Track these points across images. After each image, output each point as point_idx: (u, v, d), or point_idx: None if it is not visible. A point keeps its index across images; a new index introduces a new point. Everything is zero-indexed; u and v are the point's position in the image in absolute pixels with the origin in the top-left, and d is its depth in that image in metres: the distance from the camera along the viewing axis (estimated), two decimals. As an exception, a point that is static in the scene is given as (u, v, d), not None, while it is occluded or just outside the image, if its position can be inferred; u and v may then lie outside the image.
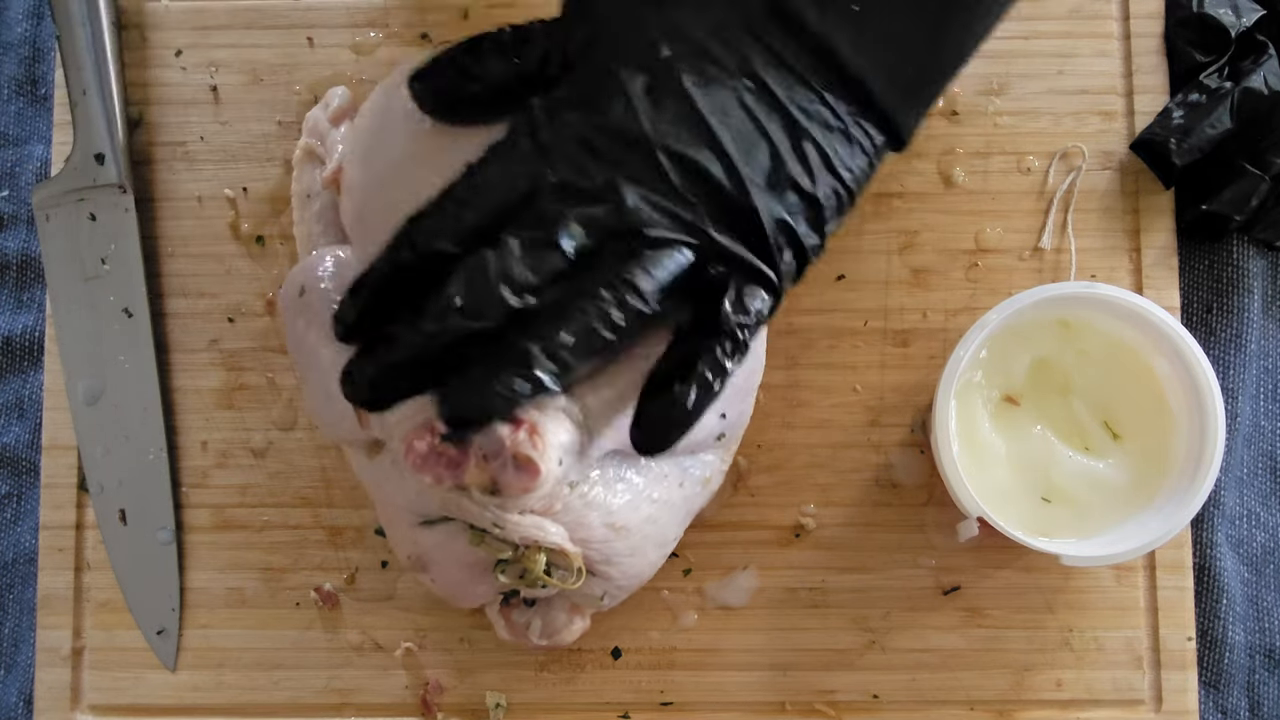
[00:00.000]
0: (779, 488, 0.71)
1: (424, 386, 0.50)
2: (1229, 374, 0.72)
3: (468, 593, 0.62)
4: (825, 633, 0.70)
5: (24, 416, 0.74)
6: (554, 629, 0.64)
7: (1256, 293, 0.73)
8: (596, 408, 0.56)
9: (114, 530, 0.70)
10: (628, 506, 0.59)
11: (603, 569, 0.60)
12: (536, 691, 0.70)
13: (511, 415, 0.53)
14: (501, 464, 0.53)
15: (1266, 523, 0.72)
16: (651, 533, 0.61)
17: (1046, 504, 0.65)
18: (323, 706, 0.70)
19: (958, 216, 0.72)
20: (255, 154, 0.73)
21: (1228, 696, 0.71)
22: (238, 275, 0.73)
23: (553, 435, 0.54)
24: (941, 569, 0.70)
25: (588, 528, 0.58)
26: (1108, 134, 0.72)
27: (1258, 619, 0.71)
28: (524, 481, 0.53)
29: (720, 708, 0.69)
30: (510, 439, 0.53)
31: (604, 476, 0.58)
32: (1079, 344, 0.65)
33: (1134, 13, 0.73)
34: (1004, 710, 0.69)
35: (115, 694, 0.70)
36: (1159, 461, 0.64)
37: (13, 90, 0.77)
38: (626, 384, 0.56)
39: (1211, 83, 0.70)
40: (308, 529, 0.71)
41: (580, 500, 0.57)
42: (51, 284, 0.72)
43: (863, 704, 0.69)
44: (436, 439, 0.54)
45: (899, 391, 0.71)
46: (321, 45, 0.74)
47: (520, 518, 0.56)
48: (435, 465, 0.54)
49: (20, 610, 0.73)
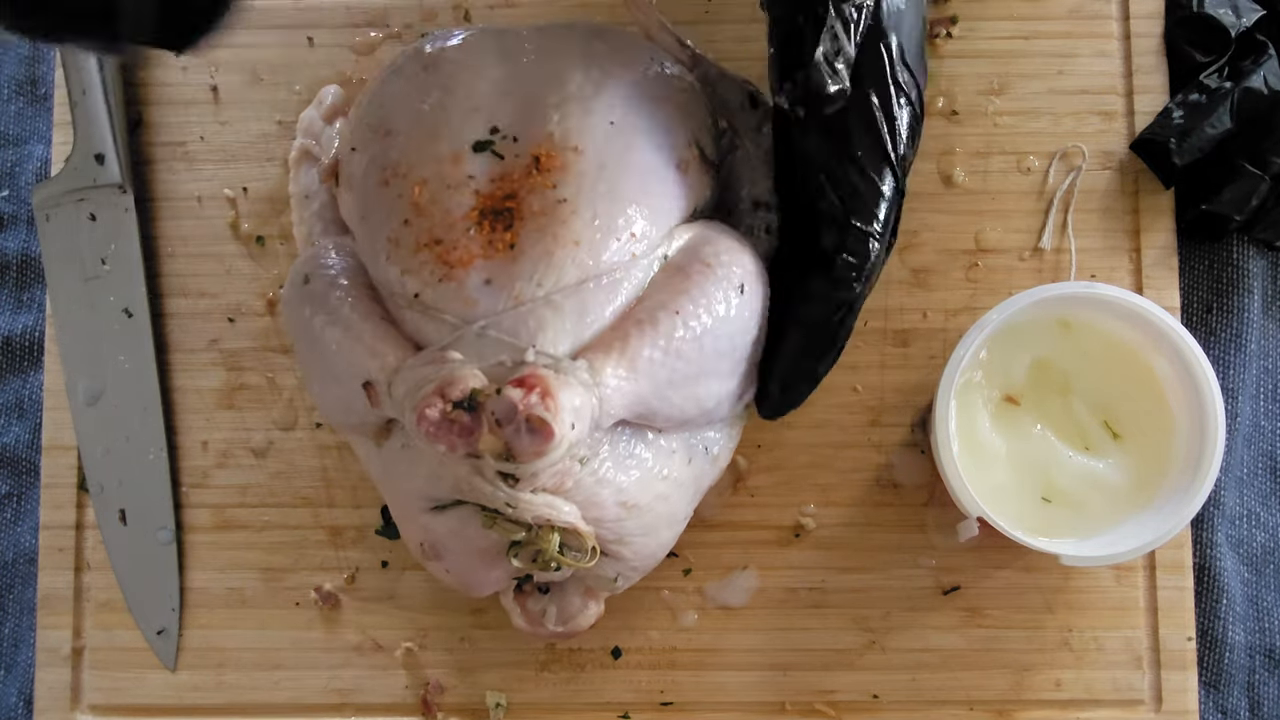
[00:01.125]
0: (779, 488, 0.71)
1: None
2: (1229, 374, 0.72)
3: (481, 579, 0.62)
4: (825, 633, 0.70)
5: (24, 416, 0.74)
6: (569, 614, 0.64)
7: (1256, 293, 0.73)
8: (606, 370, 0.56)
9: (114, 530, 0.70)
10: (639, 484, 0.59)
11: (615, 549, 0.60)
12: (536, 691, 0.70)
13: (522, 379, 0.53)
14: (515, 428, 0.53)
15: (1266, 523, 0.72)
16: (663, 511, 0.61)
17: (1046, 504, 0.64)
18: (323, 706, 0.70)
19: (958, 216, 0.72)
20: (255, 154, 0.73)
21: (1228, 696, 0.71)
22: (238, 275, 0.73)
23: (565, 397, 0.53)
24: (941, 569, 0.70)
25: (600, 506, 0.58)
26: (1108, 134, 0.72)
27: (1258, 619, 0.71)
28: (538, 445, 0.53)
29: (720, 708, 0.69)
30: (523, 402, 0.52)
31: (615, 453, 0.58)
32: (1079, 344, 0.65)
33: (1134, 13, 0.73)
34: (1004, 710, 0.69)
35: (115, 694, 0.70)
36: (1159, 461, 0.64)
37: (13, 90, 0.77)
38: (634, 347, 0.56)
39: (1211, 83, 0.70)
40: (308, 529, 0.71)
41: (592, 477, 0.57)
42: (51, 284, 0.72)
43: (863, 704, 0.69)
44: (449, 406, 0.53)
45: (899, 391, 0.71)
46: (321, 45, 0.74)
47: (533, 496, 0.56)
48: (448, 432, 0.54)
49: (20, 610, 0.73)
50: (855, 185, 0.60)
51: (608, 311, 0.58)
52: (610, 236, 0.58)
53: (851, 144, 0.59)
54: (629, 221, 0.58)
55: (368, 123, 0.63)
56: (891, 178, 0.60)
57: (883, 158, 0.60)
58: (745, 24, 0.73)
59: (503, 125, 0.59)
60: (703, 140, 0.63)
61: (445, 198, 0.58)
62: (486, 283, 0.56)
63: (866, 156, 0.60)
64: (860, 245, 0.60)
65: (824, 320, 0.61)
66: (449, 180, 0.58)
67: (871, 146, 0.59)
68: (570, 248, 0.57)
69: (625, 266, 0.58)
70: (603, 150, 0.59)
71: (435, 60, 0.62)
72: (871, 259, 0.60)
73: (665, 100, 0.62)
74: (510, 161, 0.58)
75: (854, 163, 0.60)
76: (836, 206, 0.60)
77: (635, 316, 0.57)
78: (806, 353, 0.62)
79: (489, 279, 0.56)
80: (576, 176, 0.58)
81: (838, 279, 0.60)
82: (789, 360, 0.62)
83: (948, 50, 0.73)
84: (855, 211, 0.60)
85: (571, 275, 0.57)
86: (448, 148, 0.59)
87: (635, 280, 0.58)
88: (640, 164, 0.59)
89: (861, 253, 0.60)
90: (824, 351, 0.62)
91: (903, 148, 0.60)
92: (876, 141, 0.59)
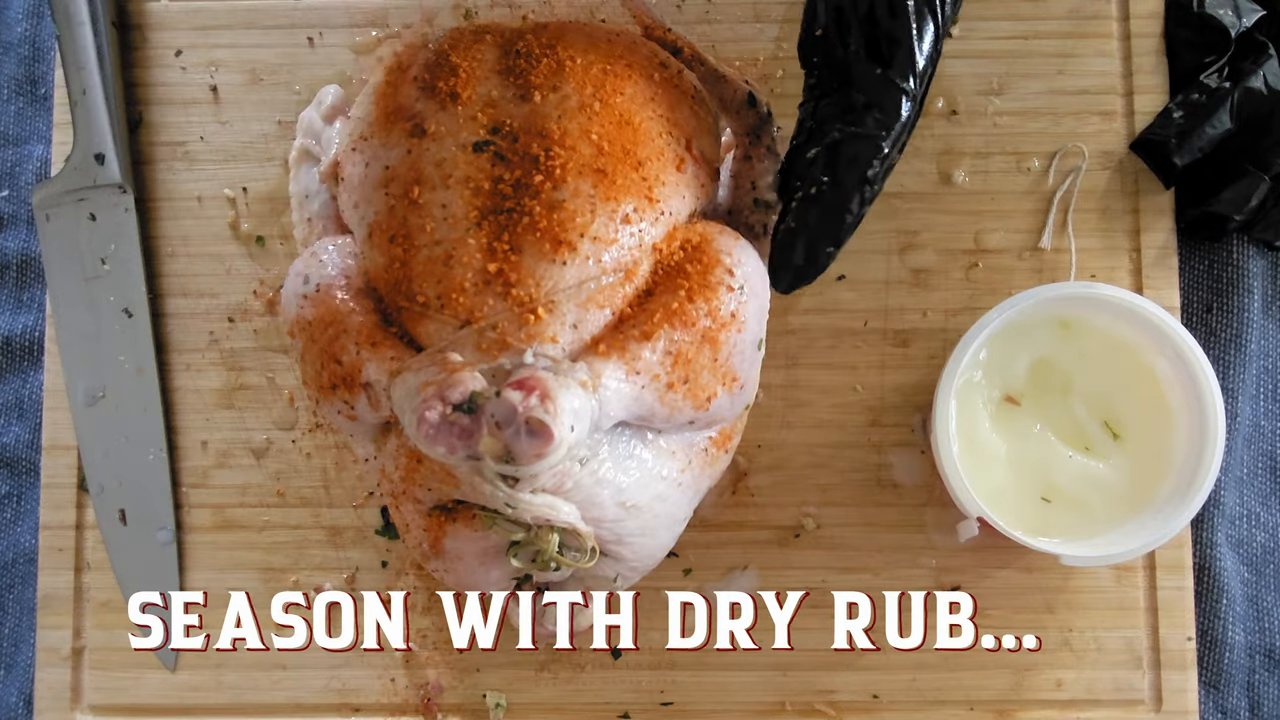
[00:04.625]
0: (779, 488, 0.71)
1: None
2: (1229, 374, 0.72)
3: (480, 580, 0.62)
4: (825, 633, 0.69)
5: (24, 416, 0.74)
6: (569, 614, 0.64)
7: (1256, 293, 0.73)
8: (605, 372, 0.56)
9: (114, 530, 0.70)
10: (638, 484, 0.59)
11: (615, 549, 0.60)
12: (536, 691, 0.70)
13: (521, 381, 0.53)
14: (514, 430, 0.53)
15: (1266, 523, 0.72)
16: (662, 511, 0.61)
17: (1046, 504, 0.64)
18: (323, 706, 0.70)
19: (958, 216, 0.72)
20: (255, 154, 0.73)
21: (1228, 696, 0.71)
22: (238, 275, 0.73)
23: (564, 399, 0.53)
24: (941, 569, 0.70)
25: (599, 506, 0.58)
26: (1108, 134, 0.72)
27: (1258, 619, 0.71)
28: (537, 447, 0.53)
29: (720, 708, 0.69)
30: (522, 404, 0.52)
31: (614, 453, 0.58)
32: (1079, 344, 0.65)
33: (1134, 13, 0.73)
34: (1004, 710, 0.69)
35: (115, 694, 0.70)
36: (1159, 461, 0.64)
37: (13, 90, 0.77)
38: (634, 348, 0.56)
39: (1211, 83, 0.70)
40: (308, 529, 0.71)
41: (591, 478, 0.57)
42: (51, 284, 0.72)
43: (863, 704, 0.69)
44: (448, 408, 0.53)
45: (899, 391, 0.71)
46: (321, 45, 0.74)
47: (532, 497, 0.56)
48: (448, 435, 0.53)
49: (20, 610, 0.73)
50: (896, 35, 0.59)
51: (607, 312, 0.58)
52: (610, 237, 0.58)
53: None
54: (628, 222, 0.58)
55: (368, 123, 0.63)
56: (933, 33, 0.59)
57: (929, 11, 0.59)
58: (745, 24, 0.73)
59: (503, 126, 0.59)
60: (703, 141, 0.63)
61: (445, 198, 0.58)
62: (486, 283, 0.56)
63: (914, 7, 0.58)
64: (892, 102, 0.59)
65: (852, 179, 0.59)
66: (449, 180, 0.58)
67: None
68: (570, 249, 0.57)
69: (625, 267, 0.58)
70: (602, 151, 0.59)
71: (436, 60, 0.62)
72: (904, 117, 0.59)
73: (665, 101, 0.62)
74: (510, 162, 0.58)
75: (899, 12, 0.58)
76: (873, 59, 0.59)
77: (635, 318, 0.57)
78: (831, 214, 0.60)
79: (489, 280, 0.56)
80: (576, 177, 0.58)
81: (867, 135, 0.59)
82: (811, 224, 0.60)
83: (948, 50, 0.73)
84: (893, 64, 0.59)
85: (571, 276, 0.57)
86: (448, 148, 0.59)
87: (635, 281, 0.58)
88: (640, 165, 0.59)
89: (893, 109, 0.58)
90: (849, 213, 0.60)
91: (948, 6, 0.59)
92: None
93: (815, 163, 0.60)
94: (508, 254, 0.56)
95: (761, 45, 0.73)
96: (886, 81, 0.59)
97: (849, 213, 0.59)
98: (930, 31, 0.59)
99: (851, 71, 0.59)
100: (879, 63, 0.59)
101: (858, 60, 0.59)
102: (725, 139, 0.68)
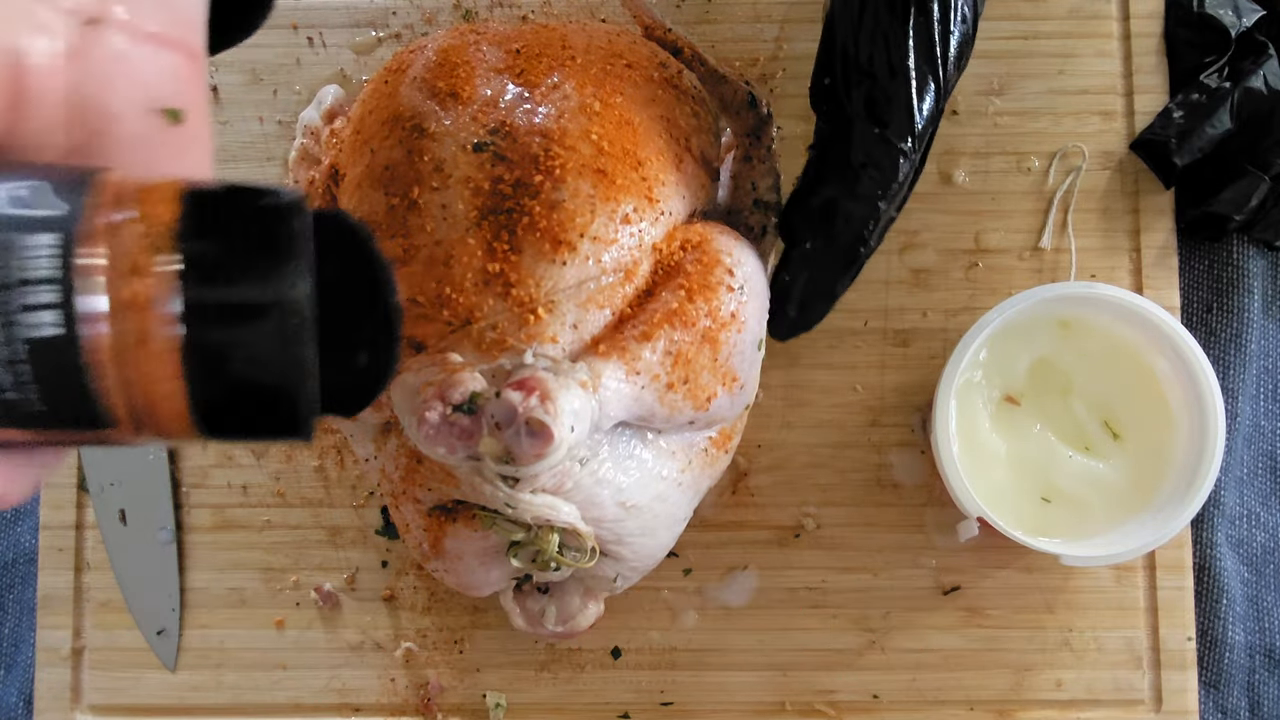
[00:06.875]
0: (779, 488, 0.71)
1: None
2: (1229, 374, 0.72)
3: (480, 580, 0.62)
4: (825, 633, 0.70)
5: (24, 416, 0.74)
6: (569, 614, 0.64)
7: (1256, 293, 0.73)
8: (605, 372, 0.56)
9: (114, 530, 0.70)
10: (638, 484, 0.59)
11: (615, 549, 0.60)
12: (536, 691, 0.70)
13: (521, 381, 0.53)
14: (514, 431, 0.53)
15: (1266, 523, 0.72)
16: (662, 511, 0.61)
17: (1046, 504, 0.64)
18: (323, 706, 0.70)
19: (958, 216, 0.72)
20: (255, 154, 0.73)
21: (1228, 696, 0.71)
22: (238, 275, 0.73)
23: (564, 400, 0.53)
24: (941, 569, 0.70)
25: (599, 506, 0.58)
26: (1108, 134, 0.72)
27: (1258, 619, 0.71)
28: (538, 447, 0.53)
29: (720, 708, 0.70)
30: (522, 405, 0.52)
31: (614, 453, 0.58)
32: (1079, 344, 0.65)
33: (1134, 13, 0.73)
34: (1004, 710, 0.69)
35: (115, 694, 0.70)
36: (1159, 461, 0.64)
37: (13, 90, 0.77)
38: (634, 348, 0.56)
39: (1211, 83, 0.70)
40: (308, 529, 0.71)
41: (591, 478, 0.57)
42: (51, 284, 0.72)
43: (863, 704, 0.69)
44: (448, 409, 0.53)
45: (899, 391, 0.71)
46: (321, 45, 0.74)
47: (532, 497, 0.56)
48: (448, 436, 0.53)
49: (20, 610, 0.73)
50: (895, 95, 0.58)
51: (607, 313, 0.57)
52: (609, 237, 0.58)
53: (901, 50, 0.58)
54: (628, 222, 0.58)
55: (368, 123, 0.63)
56: (934, 94, 0.59)
57: (930, 72, 0.58)
58: (745, 24, 0.73)
59: (503, 126, 0.59)
60: (703, 141, 0.63)
61: (445, 198, 0.58)
62: (486, 283, 0.56)
63: (915, 66, 0.58)
64: (890, 161, 0.59)
65: (846, 237, 0.60)
66: (449, 181, 0.58)
67: (922, 58, 0.58)
68: (570, 249, 0.57)
69: (625, 267, 0.58)
70: (602, 151, 0.59)
71: (436, 60, 0.62)
72: (900, 178, 0.59)
73: (665, 101, 0.62)
74: (510, 162, 0.58)
75: (898, 71, 0.58)
76: (872, 118, 0.59)
77: (635, 318, 0.57)
78: (826, 270, 0.60)
79: (488, 280, 0.56)
80: (576, 177, 0.58)
81: (863, 195, 0.59)
82: (805, 281, 0.61)
83: (948, 50, 0.73)
84: (890, 124, 0.59)
85: (571, 276, 0.57)
86: (448, 148, 0.59)
87: (635, 282, 0.58)
88: (640, 165, 0.59)
89: (890, 169, 0.58)
90: (844, 269, 0.60)
91: (951, 67, 0.59)
92: (928, 54, 0.58)
93: (812, 217, 0.60)
94: (507, 254, 0.56)
95: (761, 45, 0.73)
96: (884, 142, 0.59)
97: (843, 272, 0.60)
98: (931, 92, 0.59)
99: (852, 129, 0.59)
100: (877, 123, 0.59)
101: (858, 118, 0.59)
102: (725, 139, 0.68)
